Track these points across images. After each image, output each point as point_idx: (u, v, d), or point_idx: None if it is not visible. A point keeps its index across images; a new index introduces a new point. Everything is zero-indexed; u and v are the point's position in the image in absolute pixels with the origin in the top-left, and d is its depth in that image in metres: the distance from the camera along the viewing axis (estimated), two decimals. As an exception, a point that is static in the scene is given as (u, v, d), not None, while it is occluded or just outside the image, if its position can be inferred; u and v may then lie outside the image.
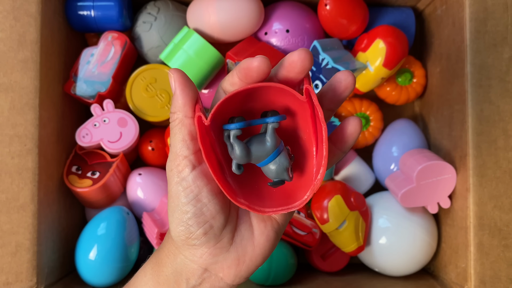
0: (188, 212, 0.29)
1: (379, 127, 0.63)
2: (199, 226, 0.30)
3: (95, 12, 0.57)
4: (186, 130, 0.29)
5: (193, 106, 0.29)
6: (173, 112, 0.30)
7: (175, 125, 0.30)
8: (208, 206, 0.30)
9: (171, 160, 0.30)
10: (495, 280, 0.50)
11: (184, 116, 0.29)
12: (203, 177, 0.30)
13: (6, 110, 0.49)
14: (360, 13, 0.58)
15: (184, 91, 0.29)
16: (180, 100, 0.29)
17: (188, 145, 0.29)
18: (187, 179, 0.29)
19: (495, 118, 0.51)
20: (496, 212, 0.51)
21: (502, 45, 0.52)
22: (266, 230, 0.32)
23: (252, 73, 0.28)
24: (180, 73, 0.29)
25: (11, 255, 0.48)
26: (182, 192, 0.29)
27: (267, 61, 0.28)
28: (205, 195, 0.30)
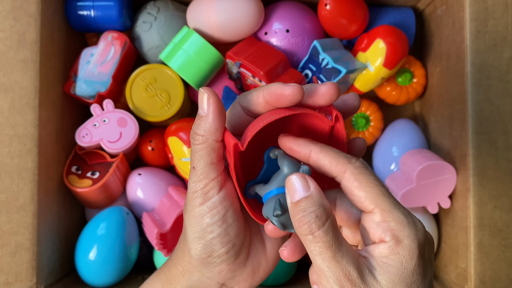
0: (212, 232, 0.30)
1: (379, 127, 0.63)
2: (223, 246, 0.30)
3: (95, 12, 0.57)
4: (215, 154, 0.29)
5: (223, 130, 0.29)
6: (201, 134, 0.29)
7: (203, 148, 0.29)
8: (233, 226, 0.30)
9: (196, 182, 0.30)
10: (495, 280, 0.50)
11: (214, 140, 0.29)
12: (229, 197, 0.30)
13: (6, 110, 0.49)
14: (360, 13, 0.58)
15: (220, 116, 0.29)
16: (214, 125, 0.29)
17: (215, 168, 0.29)
18: (214, 200, 0.29)
19: (495, 118, 0.51)
20: (496, 212, 0.51)
21: (502, 45, 0.51)
22: (276, 241, 0.33)
23: (284, 100, 0.28)
24: (215, 96, 0.29)
25: (11, 255, 0.48)
26: (208, 213, 0.29)
27: (301, 90, 0.28)
28: (231, 215, 0.30)
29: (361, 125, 0.63)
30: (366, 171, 0.27)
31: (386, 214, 0.26)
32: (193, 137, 0.29)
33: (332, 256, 0.25)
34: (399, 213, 0.26)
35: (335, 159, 0.27)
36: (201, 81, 0.58)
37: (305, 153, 0.28)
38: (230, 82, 0.61)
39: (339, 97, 0.29)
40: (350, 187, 0.27)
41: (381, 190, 0.26)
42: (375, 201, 0.26)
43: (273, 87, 0.28)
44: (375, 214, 0.26)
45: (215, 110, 0.29)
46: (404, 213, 0.26)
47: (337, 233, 0.26)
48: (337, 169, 0.27)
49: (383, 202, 0.26)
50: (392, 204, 0.26)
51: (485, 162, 0.51)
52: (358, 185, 0.26)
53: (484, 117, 0.51)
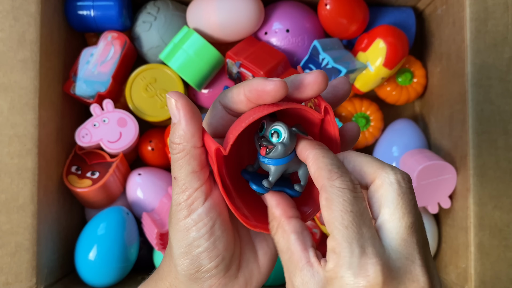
0: (199, 247, 0.28)
1: (380, 127, 0.63)
2: (211, 260, 0.28)
3: (94, 12, 0.57)
4: (196, 161, 0.27)
5: (201, 135, 0.27)
6: (177, 143, 0.27)
7: (182, 157, 0.27)
8: (221, 238, 0.28)
9: (179, 193, 0.27)
10: (495, 280, 0.50)
11: (193, 147, 0.27)
12: (216, 208, 0.28)
13: (5, 110, 0.49)
14: (360, 12, 0.58)
15: (193, 120, 0.26)
16: (189, 130, 0.26)
17: (198, 177, 0.27)
18: (199, 212, 0.27)
19: (495, 118, 0.51)
20: (496, 212, 0.50)
21: (502, 45, 0.51)
22: (269, 249, 0.31)
23: (266, 96, 0.26)
24: (185, 99, 0.27)
25: (11, 256, 0.48)
26: (194, 227, 0.27)
27: (284, 85, 0.25)
28: (219, 227, 0.28)
29: (361, 125, 0.63)
30: (339, 193, 0.24)
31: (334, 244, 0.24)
32: (170, 146, 0.27)
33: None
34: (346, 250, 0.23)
35: (319, 171, 0.25)
36: (201, 81, 0.58)
37: (302, 156, 0.27)
38: (230, 82, 0.61)
39: (327, 85, 0.27)
40: (321, 203, 0.25)
41: (342, 217, 0.24)
42: (332, 227, 0.24)
43: (254, 82, 0.26)
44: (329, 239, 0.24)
45: (186, 114, 0.26)
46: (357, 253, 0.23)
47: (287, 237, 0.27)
48: (317, 182, 0.26)
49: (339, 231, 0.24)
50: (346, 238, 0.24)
51: (485, 162, 0.51)
52: (325, 205, 0.25)
53: (484, 117, 0.51)
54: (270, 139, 0.26)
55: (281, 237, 0.27)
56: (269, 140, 0.26)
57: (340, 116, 0.63)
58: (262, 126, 0.27)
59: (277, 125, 0.26)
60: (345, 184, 0.25)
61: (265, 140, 0.26)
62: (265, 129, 0.27)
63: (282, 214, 0.27)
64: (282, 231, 0.27)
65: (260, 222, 0.29)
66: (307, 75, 0.27)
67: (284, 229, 0.27)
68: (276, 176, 0.27)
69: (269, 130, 0.26)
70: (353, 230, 0.24)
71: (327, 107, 0.27)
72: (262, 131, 0.27)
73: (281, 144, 0.26)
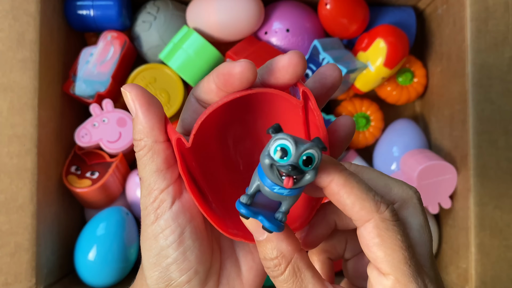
0: (168, 257, 0.24)
1: (380, 127, 0.63)
2: (182, 273, 0.24)
3: (94, 11, 0.57)
4: (160, 158, 0.24)
5: (163, 127, 0.24)
6: (138, 139, 0.24)
7: (144, 154, 0.24)
8: (193, 248, 0.24)
9: (145, 196, 0.25)
10: (496, 280, 0.50)
11: (154, 142, 0.24)
12: (186, 213, 0.24)
13: (5, 110, 0.48)
14: (361, 12, 0.58)
15: (150, 111, 0.24)
16: (146, 123, 0.24)
17: (164, 176, 0.24)
18: (166, 217, 0.24)
19: (496, 118, 0.51)
20: (497, 212, 0.50)
21: (503, 44, 0.51)
22: (255, 263, 0.27)
23: (233, 80, 0.23)
24: (139, 90, 0.24)
25: (10, 256, 0.48)
26: (161, 234, 0.24)
27: (252, 66, 0.23)
28: (189, 235, 0.24)
29: (362, 125, 0.62)
30: (394, 228, 0.22)
31: (399, 286, 0.22)
32: (134, 145, 0.25)
33: None
34: (416, 283, 0.22)
35: (361, 202, 0.22)
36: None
37: (324, 182, 0.22)
38: (230, 82, 0.61)
39: (305, 67, 0.24)
40: (369, 240, 0.22)
41: (404, 255, 0.22)
42: (393, 267, 0.22)
43: (221, 67, 0.24)
44: (387, 280, 0.22)
45: (142, 105, 0.23)
46: (419, 282, 0.22)
47: (302, 278, 0.23)
48: (359, 215, 0.22)
49: (401, 271, 0.22)
50: (410, 276, 0.22)
51: (486, 162, 0.51)
52: (379, 243, 0.22)
53: (485, 117, 0.51)
54: (301, 166, 0.21)
55: (295, 281, 0.23)
56: (300, 169, 0.20)
57: (340, 116, 0.63)
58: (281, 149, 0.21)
59: (310, 148, 0.20)
60: (394, 215, 0.22)
61: (293, 169, 0.20)
62: (290, 152, 0.20)
63: (294, 249, 0.23)
64: (294, 272, 0.23)
65: (242, 230, 0.25)
66: (281, 57, 0.24)
67: (298, 268, 0.23)
68: (290, 207, 0.22)
69: (298, 154, 0.20)
70: (414, 267, 0.22)
71: (306, 91, 0.24)
72: (285, 157, 0.21)
73: (313, 171, 0.21)
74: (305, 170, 0.21)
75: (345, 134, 0.26)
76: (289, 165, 0.20)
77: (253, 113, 0.27)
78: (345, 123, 0.26)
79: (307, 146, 0.20)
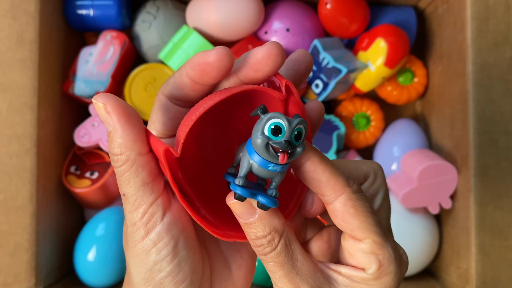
0: (162, 271, 0.23)
1: (380, 127, 0.63)
2: (177, 285, 0.24)
3: (94, 11, 0.57)
4: (145, 171, 0.23)
5: (144, 139, 0.23)
6: (118, 153, 0.22)
7: (127, 169, 0.23)
8: (187, 258, 0.24)
9: (132, 212, 0.23)
10: (496, 281, 0.50)
11: (138, 155, 0.22)
12: (178, 223, 0.24)
13: (4, 110, 0.48)
14: (361, 12, 0.57)
15: (130, 123, 0.22)
16: (128, 136, 0.22)
17: (151, 189, 0.23)
18: (158, 230, 0.23)
19: (496, 118, 0.51)
20: (497, 212, 0.50)
21: (503, 44, 0.51)
22: (244, 261, 0.27)
23: (210, 69, 0.22)
24: (115, 100, 0.22)
25: (10, 256, 0.48)
26: (153, 248, 0.23)
27: (228, 52, 0.22)
28: (183, 245, 0.24)
29: (362, 125, 0.62)
30: (363, 197, 0.24)
31: (376, 247, 0.24)
32: (111, 159, 0.23)
33: (285, 274, 0.23)
34: (389, 247, 0.24)
35: (335, 177, 0.23)
36: (200, 80, 0.57)
37: (302, 160, 0.23)
38: (230, 82, 0.61)
39: (284, 58, 0.23)
40: (344, 212, 0.23)
41: (374, 219, 0.24)
42: (368, 231, 0.24)
43: (195, 57, 0.23)
44: (364, 244, 0.24)
45: (120, 117, 0.22)
46: (393, 246, 0.24)
47: (292, 250, 0.24)
48: (333, 189, 0.23)
49: (375, 233, 0.24)
50: (384, 236, 0.24)
51: (486, 162, 0.51)
52: (354, 213, 0.23)
53: (485, 117, 0.51)
54: (293, 141, 0.21)
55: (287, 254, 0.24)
56: (293, 144, 0.21)
57: (341, 115, 0.63)
58: (275, 127, 0.21)
59: (300, 123, 0.21)
60: (359, 188, 0.24)
61: (289, 144, 0.21)
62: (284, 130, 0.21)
63: (284, 223, 0.24)
64: (286, 245, 0.24)
65: (232, 230, 0.25)
66: (259, 49, 0.23)
67: (289, 241, 0.24)
68: (279, 183, 0.23)
69: (290, 130, 0.21)
70: (383, 228, 0.24)
71: (289, 85, 0.23)
72: (279, 134, 0.21)
73: (303, 145, 0.22)
74: (296, 145, 0.22)
75: (316, 118, 0.26)
76: (285, 141, 0.21)
77: (231, 111, 0.26)
78: (315, 107, 0.26)
79: (297, 121, 0.21)
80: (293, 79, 0.26)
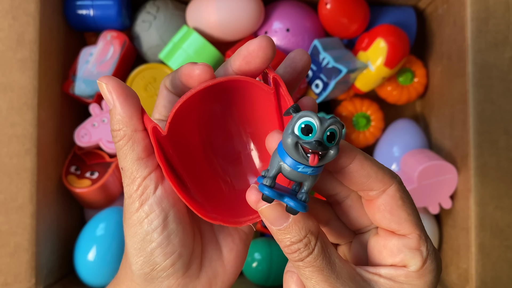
0: (153, 241, 0.25)
1: (380, 127, 0.63)
2: (167, 257, 0.25)
3: (94, 11, 0.57)
4: (140, 146, 0.25)
5: (140, 117, 0.25)
6: (116, 129, 0.25)
7: (124, 143, 0.25)
8: (177, 232, 0.25)
9: (129, 185, 0.25)
10: (496, 281, 0.50)
11: (134, 131, 0.25)
12: (169, 197, 0.26)
13: (4, 110, 0.48)
14: (361, 12, 0.57)
15: (127, 101, 0.25)
16: (125, 113, 0.24)
17: (146, 164, 0.25)
18: (150, 202, 0.25)
19: (496, 118, 0.51)
20: (497, 212, 0.50)
21: (503, 44, 0.51)
22: (235, 245, 0.28)
23: (193, 81, 0.25)
24: (115, 81, 0.25)
25: (10, 256, 0.48)
26: (146, 219, 0.25)
27: (209, 69, 0.25)
28: (173, 219, 0.25)
29: (362, 125, 0.62)
30: (407, 191, 0.24)
31: (421, 242, 0.24)
32: (112, 136, 0.26)
33: (325, 279, 0.23)
34: (430, 242, 0.24)
35: (382, 171, 0.23)
36: (201, 80, 0.57)
37: (348, 160, 0.23)
38: (230, 82, 0.61)
39: (275, 51, 0.25)
40: (393, 204, 0.23)
41: (418, 213, 0.24)
42: (415, 225, 0.24)
43: (184, 67, 0.25)
44: (409, 239, 0.24)
45: (119, 95, 0.24)
46: (431, 242, 0.24)
47: (329, 253, 0.23)
48: (383, 182, 0.23)
49: (420, 228, 0.24)
50: (425, 232, 0.24)
51: (486, 162, 0.51)
52: (402, 204, 0.23)
53: (485, 117, 0.51)
54: (326, 142, 0.21)
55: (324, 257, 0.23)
56: (325, 145, 0.20)
57: (341, 116, 0.63)
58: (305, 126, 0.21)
59: (333, 124, 0.21)
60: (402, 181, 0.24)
61: (319, 145, 0.20)
62: (315, 129, 0.21)
63: (318, 225, 0.24)
64: (323, 247, 0.23)
65: (219, 214, 0.26)
66: (251, 42, 0.25)
67: (325, 243, 0.24)
68: (311, 187, 0.22)
69: (322, 130, 0.20)
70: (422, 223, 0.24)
71: (277, 78, 0.24)
72: (310, 134, 0.21)
73: (336, 147, 0.21)
74: (329, 146, 0.21)
75: None
76: (315, 141, 0.20)
77: (226, 102, 0.27)
78: (307, 103, 0.27)
79: (330, 122, 0.21)
80: (291, 76, 0.27)
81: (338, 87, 0.57)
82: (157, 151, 0.24)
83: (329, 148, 0.21)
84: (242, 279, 0.59)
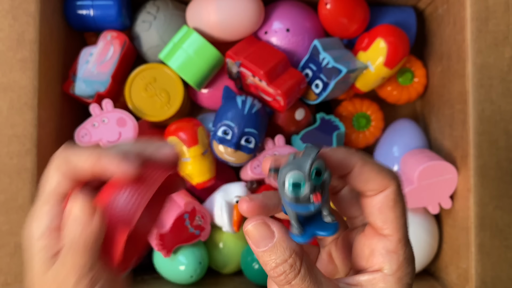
0: None
1: (380, 127, 0.63)
2: None
3: (94, 11, 0.57)
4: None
5: None
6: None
7: None
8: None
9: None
10: (496, 281, 0.50)
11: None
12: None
13: (4, 110, 0.48)
14: (361, 12, 0.58)
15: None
16: None
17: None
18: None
19: (496, 118, 0.51)
20: (497, 212, 0.50)
21: (503, 44, 0.51)
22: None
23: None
24: None
25: (10, 256, 0.48)
26: None
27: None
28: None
29: (362, 125, 0.62)
30: (402, 194, 0.25)
31: (399, 246, 0.24)
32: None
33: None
34: (410, 248, 0.25)
35: (381, 174, 0.24)
36: (201, 80, 0.57)
37: (351, 164, 0.24)
38: (230, 82, 0.61)
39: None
40: (383, 203, 0.24)
41: (405, 219, 0.25)
42: (397, 228, 0.24)
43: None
44: (389, 241, 0.24)
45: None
46: (411, 248, 0.25)
47: (314, 272, 0.23)
48: (380, 185, 0.24)
49: (402, 233, 0.24)
50: (407, 238, 0.25)
51: (486, 162, 0.51)
52: (393, 206, 0.24)
53: (485, 117, 0.51)
54: (315, 180, 0.22)
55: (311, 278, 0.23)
56: (318, 184, 0.22)
57: (341, 116, 0.63)
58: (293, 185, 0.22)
59: (314, 163, 0.22)
60: (400, 184, 0.25)
61: (314, 189, 0.22)
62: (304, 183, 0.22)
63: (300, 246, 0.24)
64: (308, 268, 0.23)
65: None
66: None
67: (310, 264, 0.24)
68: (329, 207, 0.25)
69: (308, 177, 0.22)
70: (407, 231, 0.25)
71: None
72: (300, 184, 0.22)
73: (327, 172, 0.23)
74: (322, 178, 0.22)
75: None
76: (308, 191, 0.22)
77: None
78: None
79: (309, 163, 0.22)
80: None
81: (338, 87, 0.57)
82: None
83: (322, 179, 0.22)
84: (242, 279, 0.59)
